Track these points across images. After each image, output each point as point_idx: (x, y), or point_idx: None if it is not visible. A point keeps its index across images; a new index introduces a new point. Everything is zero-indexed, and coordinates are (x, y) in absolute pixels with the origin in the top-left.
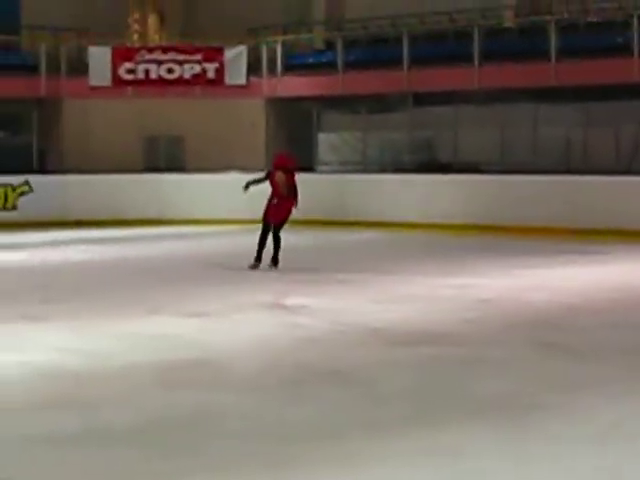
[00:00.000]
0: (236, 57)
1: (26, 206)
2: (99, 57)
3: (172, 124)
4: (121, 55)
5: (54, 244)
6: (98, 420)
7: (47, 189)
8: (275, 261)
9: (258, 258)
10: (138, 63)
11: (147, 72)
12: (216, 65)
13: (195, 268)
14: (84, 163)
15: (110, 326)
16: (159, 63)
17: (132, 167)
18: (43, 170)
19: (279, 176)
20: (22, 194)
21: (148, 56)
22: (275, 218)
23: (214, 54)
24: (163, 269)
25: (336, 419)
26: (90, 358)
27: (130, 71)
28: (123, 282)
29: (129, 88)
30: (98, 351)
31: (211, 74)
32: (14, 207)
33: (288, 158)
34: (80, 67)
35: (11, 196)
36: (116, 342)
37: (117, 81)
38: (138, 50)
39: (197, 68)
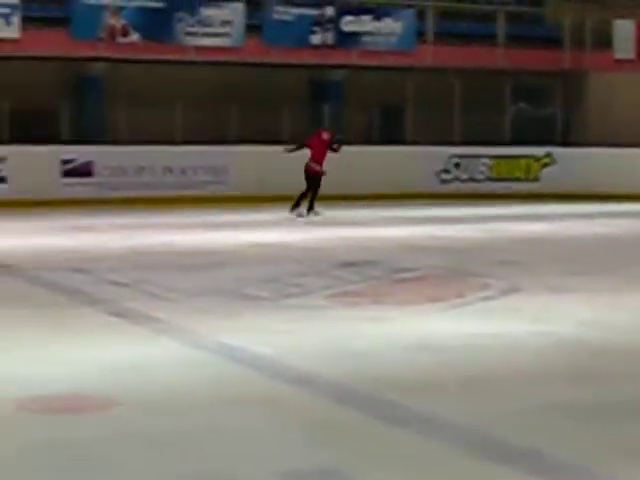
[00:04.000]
0: None
1: (548, 178)
2: (624, 30)
3: None
4: None
5: (577, 217)
6: (615, 394)
7: (570, 161)
8: (310, 208)
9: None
10: None
11: None
12: None
13: None
14: (608, 136)
15: (630, 301)
16: None
17: None
18: (566, 142)
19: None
20: (545, 166)
21: None
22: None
23: None
24: None
25: None
26: (609, 332)
27: None
28: None
29: None
30: (617, 325)
31: None
32: (536, 179)
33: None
34: (605, 40)
35: (534, 167)
36: (632, 316)
37: None
38: None
39: None
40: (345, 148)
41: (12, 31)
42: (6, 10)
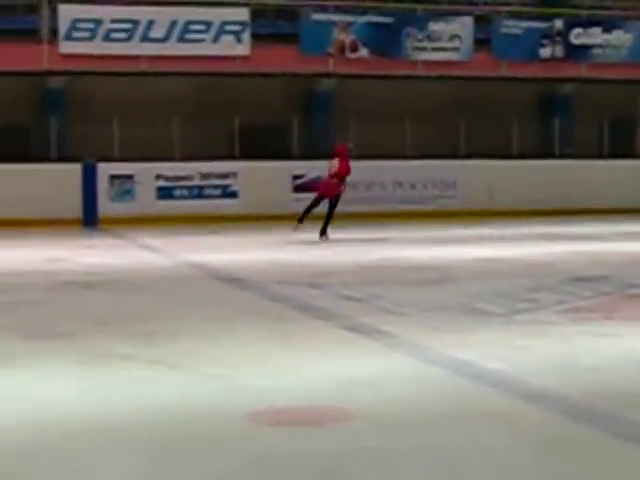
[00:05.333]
0: None
1: None
2: None
3: None
4: None
5: None
6: None
7: None
8: (322, 232)
9: (300, 220)
10: None
11: None
12: None
13: None
14: None
15: None
16: None
17: None
18: None
19: (332, 163)
20: None
21: None
22: (325, 192)
23: None
24: None
25: None
26: None
27: None
28: None
29: None
30: None
31: None
32: None
33: (342, 149)
34: None
35: None
36: None
37: None
38: None
39: None
40: (575, 162)
41: (242, 48)
42: (236, 27)
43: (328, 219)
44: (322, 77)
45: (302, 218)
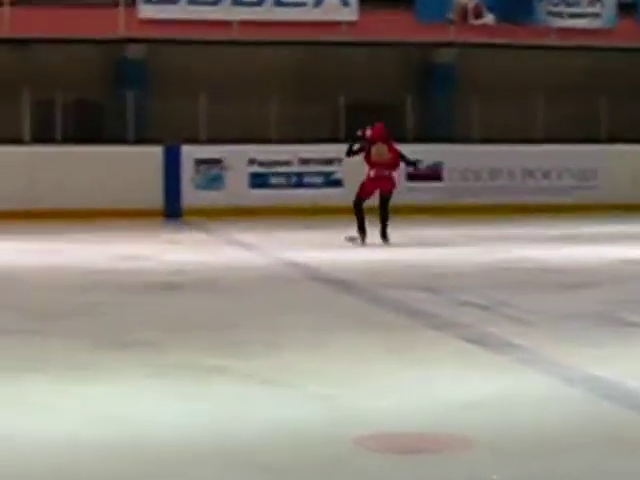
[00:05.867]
0: None
1: None
2: None
3: None
4: None
5: None
6: None
7: None
8: (384, 236)
9: (362, 231)
10: None
11: None
12: None
13: None
14: None
15: None
16: None
17: None
18: None
19: (378, 149)
20: None
21: None
22: (379, 185)
23: None
24: None
25: None
26: None
27: None
28: None
29: None
30: None
31: None
32: None
33: (385, 129)
34: None
35: None
36: None
37: None
38: None
39: None
40: None
41: (349, 13)
42: None
43: (386, 220)
44: (441, 47)
45: (363, 228)
